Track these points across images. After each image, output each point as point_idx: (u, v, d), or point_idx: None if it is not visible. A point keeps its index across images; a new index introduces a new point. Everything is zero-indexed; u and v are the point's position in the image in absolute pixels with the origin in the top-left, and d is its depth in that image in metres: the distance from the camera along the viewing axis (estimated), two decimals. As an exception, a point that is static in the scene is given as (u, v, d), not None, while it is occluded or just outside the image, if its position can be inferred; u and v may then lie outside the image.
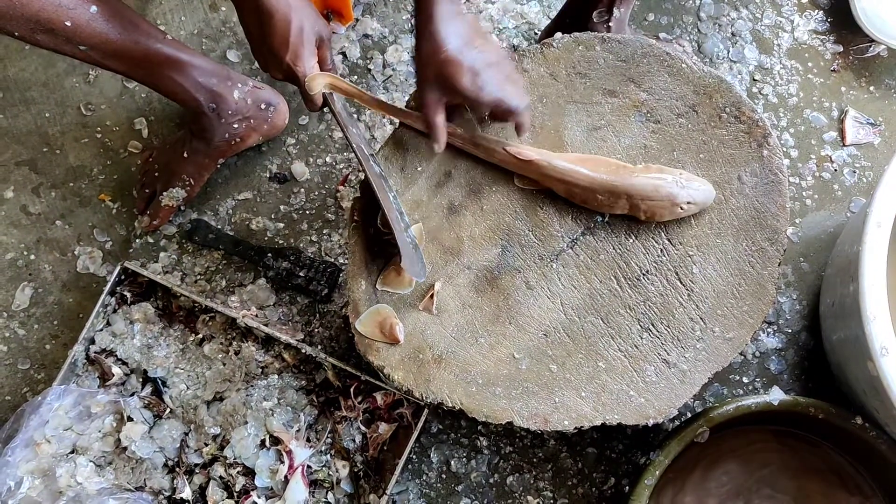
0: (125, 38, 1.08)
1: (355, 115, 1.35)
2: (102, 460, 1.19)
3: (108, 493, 1.15)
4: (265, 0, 0.93)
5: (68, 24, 1.01)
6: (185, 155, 1.28)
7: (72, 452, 1.18)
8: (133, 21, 1.09)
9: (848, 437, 1.10)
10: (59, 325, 1.33)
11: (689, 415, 1.20)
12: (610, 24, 1.24)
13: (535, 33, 1.41)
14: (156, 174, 1.32)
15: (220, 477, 1.17)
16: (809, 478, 1.17)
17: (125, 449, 1.17)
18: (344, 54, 1.39)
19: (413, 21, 1.00)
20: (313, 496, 1.17)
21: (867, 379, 1.00)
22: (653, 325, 1.02)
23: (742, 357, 1.27)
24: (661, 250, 1.04)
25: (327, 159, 1.36)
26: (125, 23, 1.08)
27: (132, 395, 1.21)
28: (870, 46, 1.37)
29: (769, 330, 1.28)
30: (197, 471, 1.18)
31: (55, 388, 1.18)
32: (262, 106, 1.28)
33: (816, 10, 1.40)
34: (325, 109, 1.07)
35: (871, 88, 1.37)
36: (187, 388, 1.21)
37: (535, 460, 1.25)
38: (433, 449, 1.25)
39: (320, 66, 1.04)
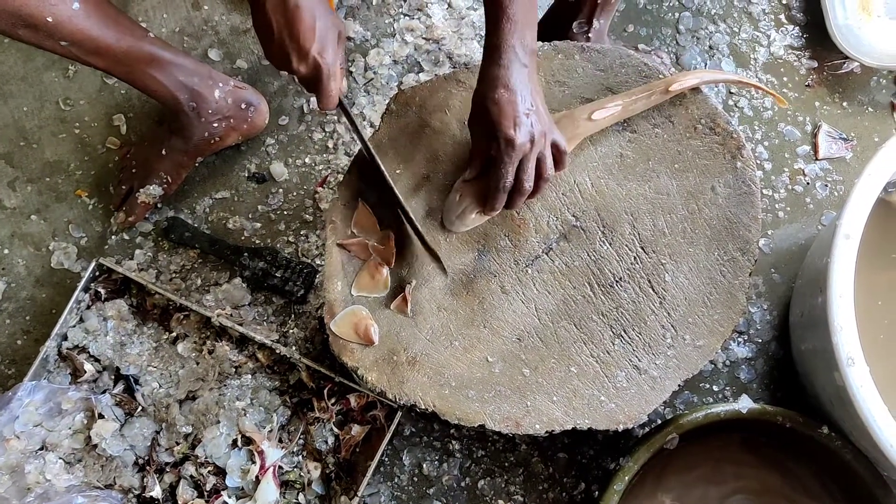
0: (107, 35, 1.08)
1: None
2: (72, 457, 1.18)
3: (77, 491, 1.14)
4: None
5: (50, 19, 1.00)
6: (164, 152, 1.28)
7: (41, 449, 1.17)
8: (115, 18, 1.09)
9: (814, 445, 1.12)
10: (32, 321, 1.32)
11: (659, 422, 1.21)
12: (590, 34, 1.26)
13: (516, 41, 1.41)
14: (133, 171, 1.31)
15: (191, 476, 1.16)
16: (776, 485, 1.19)
17: (95, 446, 1.16)
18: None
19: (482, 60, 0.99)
20: (284, 497, 1.16)
21: (834, 389, 1.02)
22: (625, 331, 1.03)
23: (712, 365, 1.29)
24: (635, 258, 1.05)
25: (306, 160, 1.36)
26: (107, 20, 1.07)
27: (104, 392, 1.20)
28: (844, 63, 1.40)
29: (740, 339, 1.30)
30: (167, 469, 1.17)
31: (26, 384, 1.17)
32: (243, 105, 1.28)
33: (793, 26, 1.42)
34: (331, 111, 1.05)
35: (845, 104, 1.39)
36: (160, 386, 1.21)
37: (506, 464, 1.26)
38: (406, 451, 1.26)
39: None
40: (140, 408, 1.19)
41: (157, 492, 1.15)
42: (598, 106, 1.06)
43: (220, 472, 1.15)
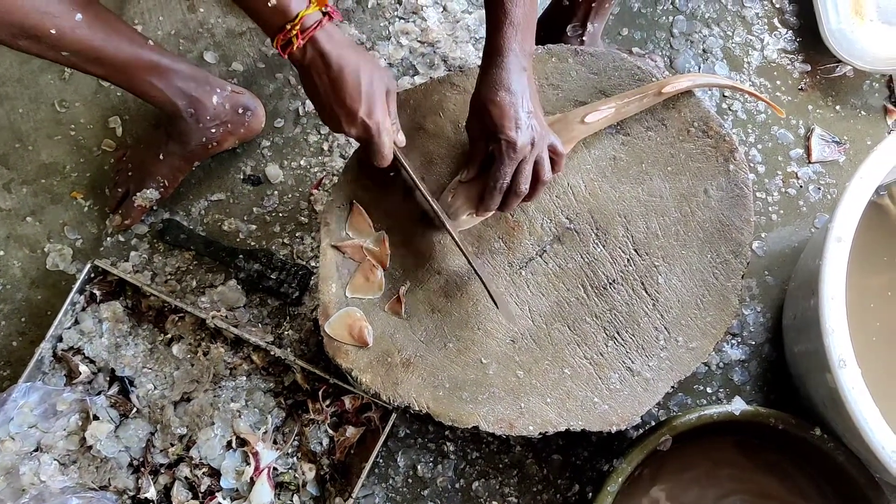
0: (108, 45, 1.08)
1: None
2: (67, 459, 1.18)
3: (72, 492, 1.14)
4: (336, 56, 0.90)
5: (53, 31, 1.00)
6: (161, 157, 1.28)
7: (36, 450, 1.17)
8: (116, 28, 1.09)
9: (808, 447, 1.12)
10: (27, 322, 1.32)
11: (652, 423, 1.21)
12: (584, 38, 1.26)
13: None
14: (129, 174, 1.32)
15: (186, 477, 1.16)
16: (770, 487, 1.19)
17: (90, 448, 1.17)
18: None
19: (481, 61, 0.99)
20: (279, 498, 1.17)
21: (826, 391, 1.02)
22: (618, 333, 1.04)
23: (706, 367, 1.29)
24: (628, 260, 1.06)
25: (301, 162, 1.36)
26: (108, 29, 1.08)
27: (99, 393, 1.20)
28: (837, 66, 1.40)
29: (733, 341, 1.30)
30: (162, 471, 1.18)
31: (21, 386, 1.17)
32: (240, 110, 1.29)
33: (786, 30, 1.43)
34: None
35: (838, 108, 1.40)
36: (155, 387, 1.21)
37: (500, 466, 1.26)
38: (400, 453, 1.26)
39: None
40: (135, 409, 1.20)
41: (151, 493, 1.15)
42: (592, 109, 1.06)
43: (215, 474, 1.16)
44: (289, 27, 0.88)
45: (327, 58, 0.90)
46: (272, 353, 1.18)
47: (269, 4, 0.87)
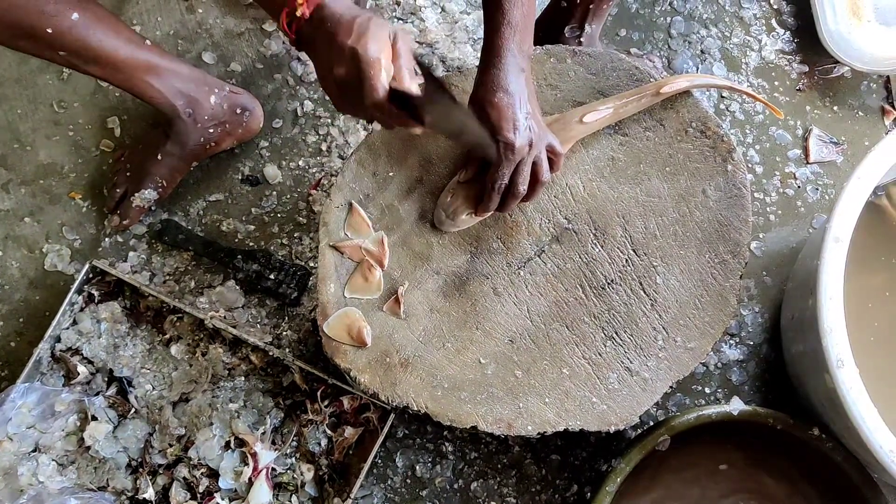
0: (105, 45, 1.08)
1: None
2: (65, 459, 1.18)
3: (70, 493, 1.14)
4: (348, 16, 0.81)
5: (50, 31, 1.00)
6: (159, 157, 1.28)
7: (34, 451, 1.17)
8: (114, 28, 1.09)
9: (805, 447, 1.12)
10: (25, 323, 1.32)
11: (651, 423, 1.21)
12: (581, 39, 1.27)
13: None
14: (128, 174, 1.32)
15: (184, 478, 1.16)
16: (768, 487, 1.19)
17: (88, 448, 1.16)
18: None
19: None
20: (277, 499, 1.17)
21: (824, 391, 1.02)
22: (616, 333, 1.04)
23: (704, 367, 1.29)
24: (626, 260, 1.06)
25: (300, 163, 1.36)
26: (106, 30, 1.08)
27: (97, 394, 1.20)
28: (834, 67, 1.40)
29: (732, 341, 1.30)
30: (160, 471, 1.17)
31: (19, 386, 1.17)
32: (238, 110, 1.29)
33: (784, 31, 1.43)
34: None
35: (835, 108, 1.40)
36: (153, 388, 1.21)
37: (499, 466, 1.26)
38: (399, 453, 1.26)
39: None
40: (133, 410, 1.20)
41: (149, 494, 1.15)
42: (590, 109, 1.06)
43: (213, 474, 1.16)
44: None
45: (337, 17, 0.81)
46: (271, 353, 1.18)
47: None
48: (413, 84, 0.83)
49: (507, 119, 0.94)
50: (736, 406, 1.10)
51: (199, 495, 1.15)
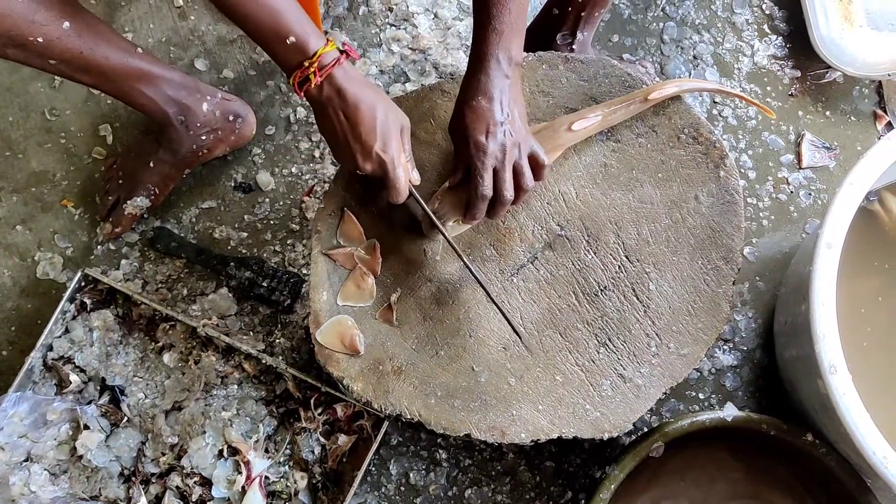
0: (96, 53, 1.07)
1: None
2: (57, 468, 1.17)
3: (63, 502, 1.14)
4: (352, 93, 0.91)
5: (40, 40, 1.00)
6: (151, 164, 1.28)
7: (26, 460, 1.16)
8: (105, 36, 1.09)
9: (799, 453, 1.12)
10: (17, 331, 1.32)
11: (645, 430, 1.21)
12: (573, 46, 1.27)
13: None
14: (120, 182, 1.31)
15: (177, 487, 1.16)
16: (762, 492, 1.19)
17: (81, 457, 1.16)
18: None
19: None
20: (271, 507, 1.16)
21: (817, 396, 1.02)
22: (609, 340, 1.04)
23: (698, 373, 1.29)
24: (619, 267, 1.06)
25: (293, 170, 1.36)
26: (97, 38, 1.07)
27: (89, 403, 1.20)
28: (826, 72, 1.41)
29: (725, 347, 1.30)
30: (153, 480, 1.17)
31: (11, 395, 1.16)
32: (231, 117, 1.29)
33: (776, 36, 1.43)
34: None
35: (828, 113, 1.41)
36: (145, 396, 1.20)
37: (493, 473, 1.26)
38: (392, 461, 1.26)
39: None
40: (126, 418, 1.19)
41: (142, 503, 1.15)
42: (579, 117, 1.06)
43: (206, 483, 1.15)
44: (307, 64, 0.90)
45: (344, 94, 0.91)
46: (264, 361, 1.18)
47: (288, 42, 0.89)
48: (415, 174, 0.99)
49: (482, 122, 0.95)
50: (730, 412, 1.10)
51: (192, 504, 1.15)
